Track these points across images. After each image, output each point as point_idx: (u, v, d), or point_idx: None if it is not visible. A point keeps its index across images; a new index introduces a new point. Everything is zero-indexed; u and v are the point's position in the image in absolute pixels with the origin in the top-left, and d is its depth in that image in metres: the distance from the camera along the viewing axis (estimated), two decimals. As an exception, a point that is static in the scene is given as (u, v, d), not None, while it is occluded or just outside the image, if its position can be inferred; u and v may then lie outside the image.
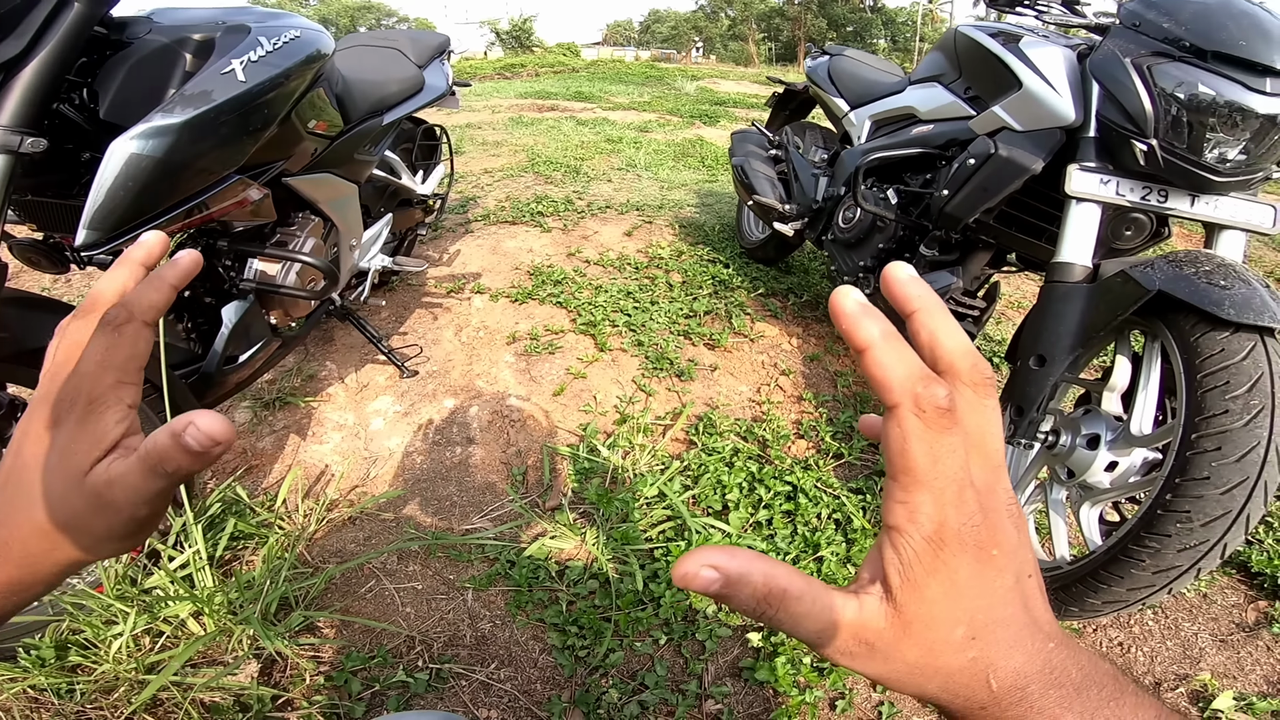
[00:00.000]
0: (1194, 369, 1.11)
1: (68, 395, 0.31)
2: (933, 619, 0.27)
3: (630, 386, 2.05)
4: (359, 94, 1.64)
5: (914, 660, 0.27)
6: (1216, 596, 1.50)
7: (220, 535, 1.35)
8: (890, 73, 2.42)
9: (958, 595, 0.26)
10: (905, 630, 0.27)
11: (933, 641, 0.27)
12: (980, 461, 0.26)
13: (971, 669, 0.27)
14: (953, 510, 0.25)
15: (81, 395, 0.31)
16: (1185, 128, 1.23)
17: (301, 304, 1.57)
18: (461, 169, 4.27)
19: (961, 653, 0.27)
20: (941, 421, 0.24)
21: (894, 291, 0.28)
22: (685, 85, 10.75)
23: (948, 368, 0.27)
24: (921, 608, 0.26)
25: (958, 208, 1.58)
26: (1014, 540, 0.27)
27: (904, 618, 0.27)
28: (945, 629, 0.27)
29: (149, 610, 1.17)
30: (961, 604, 0.26)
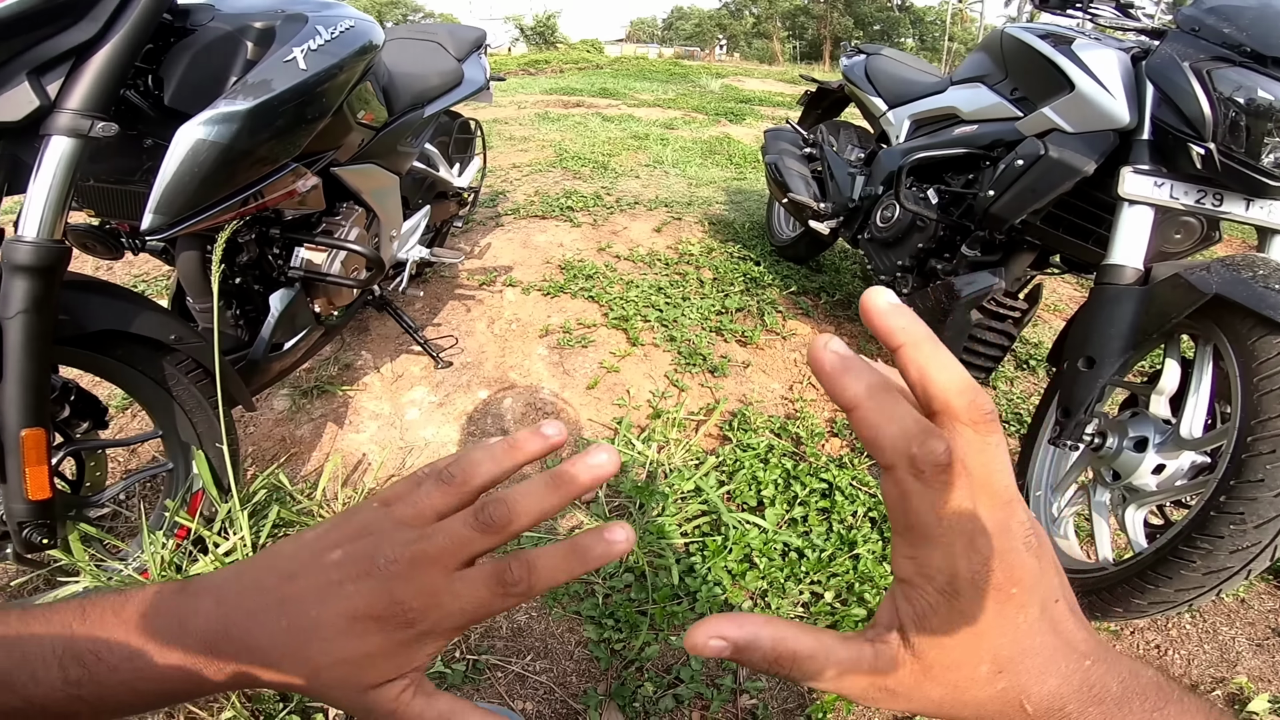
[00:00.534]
0: (1250, 372, 1.10)
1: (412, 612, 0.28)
2: (953, 661, 0.26)
3: (663, 381, 2.05)
4: (402, 86, 1.66)
5: (939, 698, 0.27)
6: (1254, 601, 1.49)
7: (263, 523, 1.37)
8: (929, 73, 2.40)
9: (978, 638, 0.26)
10: (926, 674, 0.27)
11: (956, 681, 0.27)
12: (988, 502, 0.25)
13: (1003, 698, 0.27)
14: (964, 561, 0.25)
15: (425, 624, 0.28)
16: (1244, 132, 1.23)
17: (345, 292, 1.59)
18: (490, 163, 4.29)
19: (990, 685, 0.27)
20: (942, 478, 0.23)
21: (876, 324, 0.25)
22: (710, 83, 10.71)
23: (942, 407, 0.25)
24: (940, 653, 0.26)
25: (1004, 208, 1.56)
26: (1035, 572, 0.26)
27: (924, 663, 0.26)
28: (968, 669, 0.26)
29: None
30: (983, 645, 0.26)
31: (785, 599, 1.37)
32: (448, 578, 0.28)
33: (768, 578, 1.40)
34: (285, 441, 1.78)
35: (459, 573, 0.29)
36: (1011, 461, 1.30)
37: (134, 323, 1.12)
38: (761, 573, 1.41)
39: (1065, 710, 0.26)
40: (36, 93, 0.88)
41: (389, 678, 0.29)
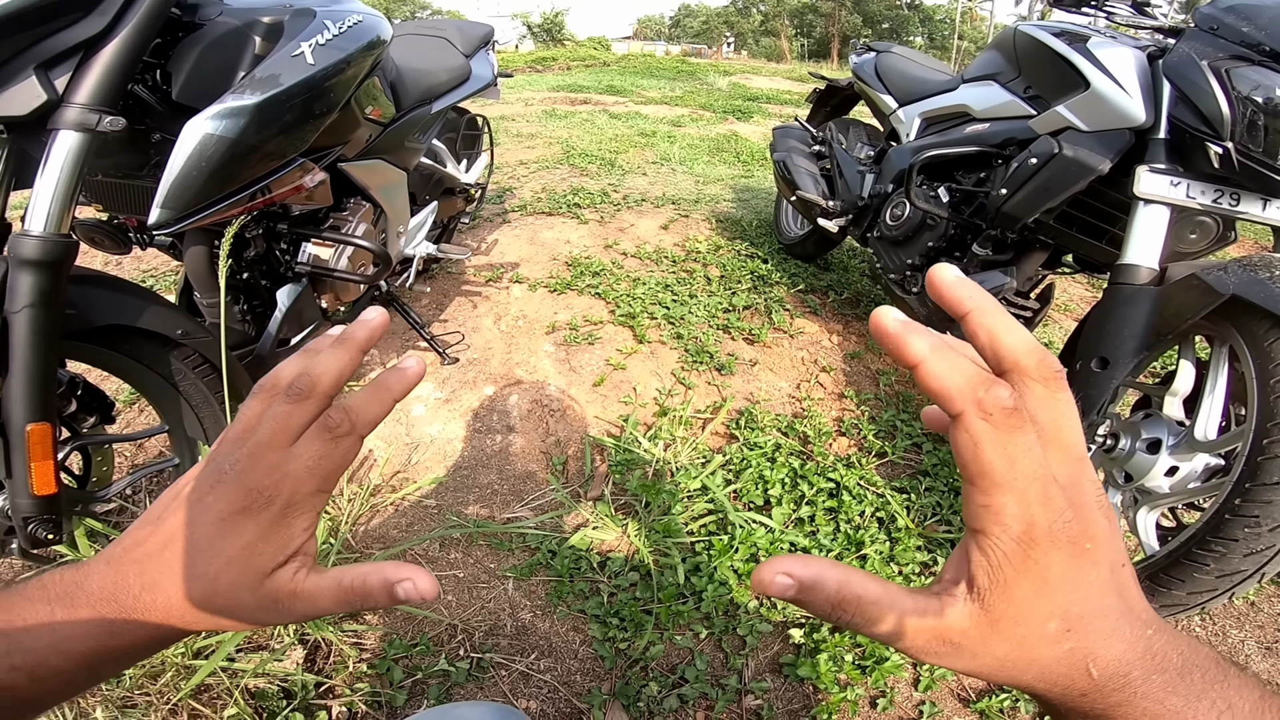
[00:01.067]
0: (1267, 374, 1.09)
1: (266, 489, 0.30)
2: (1022, 616, 0.26)
3: (670, 379, 2.04)
4: (410, 82, 1.65)
5: (1004, 655, 0.27)
6: (1264, 605, 1.48)
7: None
8: (940, 70, 2.38)
9: (1050, 592, 0.26)
10: (993, 628, 0.27)
11: (1024, 637, 0.27)
12: (1060, 456, 0.26)
13: (1069, 659, 0.27)
14: (1040, 508, 0.25)
15: (281, 496, 0.30)
16: (1262, 131, 1.21)
17: (352, 288, 1.59)
18: (497, 160, 4.29)
19: (1057, 645, 0.27)
20: (1010, 421, 0.24)
21: (944, 294, 0.27)
22: (717, 80, 10.68)
23: (1012, 365, 0.26)
24: (1010, 606, 0.26)
25: (1017, 207, 1.55)
26: (1107, 531, 0.27)
27: (991, 616, 0.26)
28: (1037, 624, 0.26)
29: None
30: (1055, 600, 0.26)
31: None
32: (284, 452, 0.30)
33: (774, 577, 1.40)
34: None
35: (294, 444, 0.31)
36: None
37: (141, 317, 1.12)
38: (768, 572, 1.40)
39: (1130, 676, 0.26)
40: (44, 87, 0.88)
41: (278, 561, 0.31)
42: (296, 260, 1.47)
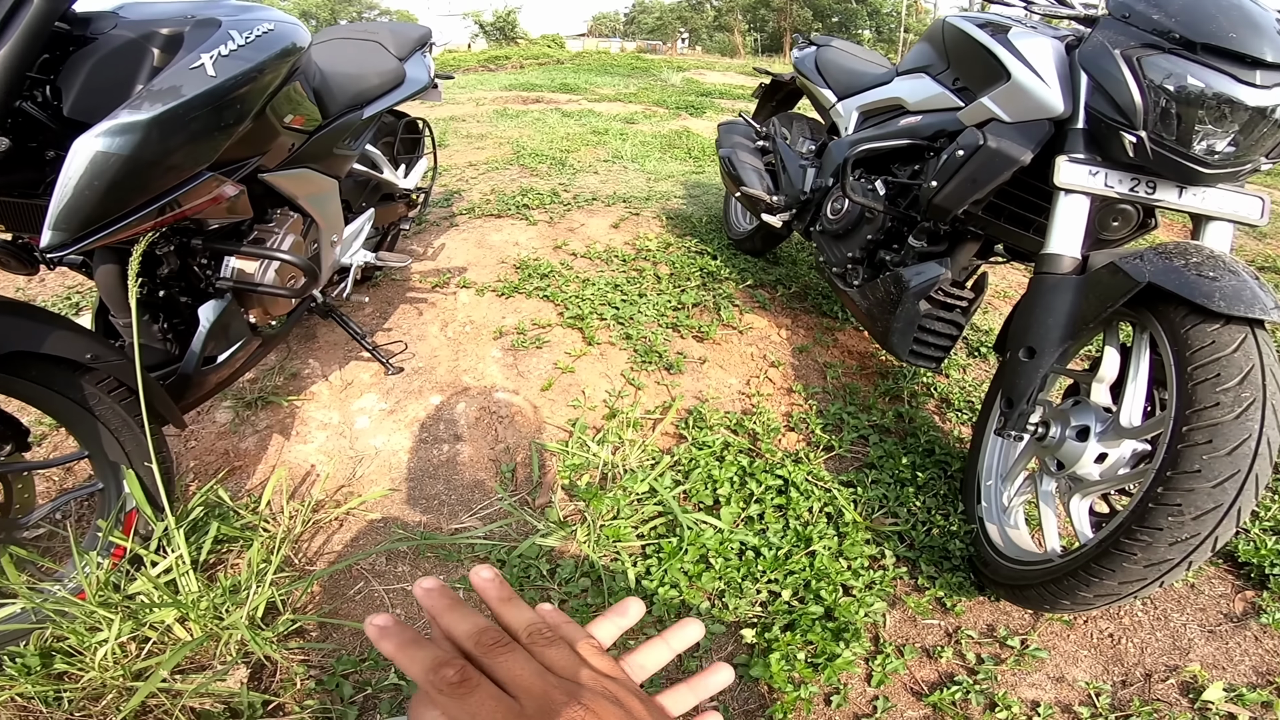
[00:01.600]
0: (1184, 361, 1.10)
1: None
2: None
3: (619, 380, 2.03)
4: (337, 87, 1.60)
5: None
6: (1204, 587, 1.50)
7: (204, 539, 1.33)
8: (877, 64, 2.40)
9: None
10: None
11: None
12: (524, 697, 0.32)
13: None
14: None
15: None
16: (1174, 119, 1.22)
17: (281, 302, 1.53)
18: (445, 162, 4.22)
19: None
20: (459, 690, 0.31)
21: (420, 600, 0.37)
22: (671, 76, 10.68)
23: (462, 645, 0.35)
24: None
25: (946, 199, 1.56)
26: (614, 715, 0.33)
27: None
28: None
29: (133, 616, 1.15)
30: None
31: (742, 599, 1.36)
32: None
33: (724, 578, 1.39)
34: (229, 455, 1.72)
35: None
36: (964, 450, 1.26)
37: (46, 343, 1.06)
38: (718, 573, 1.40)
39: None
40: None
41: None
42: (219, 275, 1.42)
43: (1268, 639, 1.38)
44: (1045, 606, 1.29)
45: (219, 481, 1.55)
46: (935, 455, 1.79)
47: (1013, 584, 1.34)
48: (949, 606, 1.41)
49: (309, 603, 1.34)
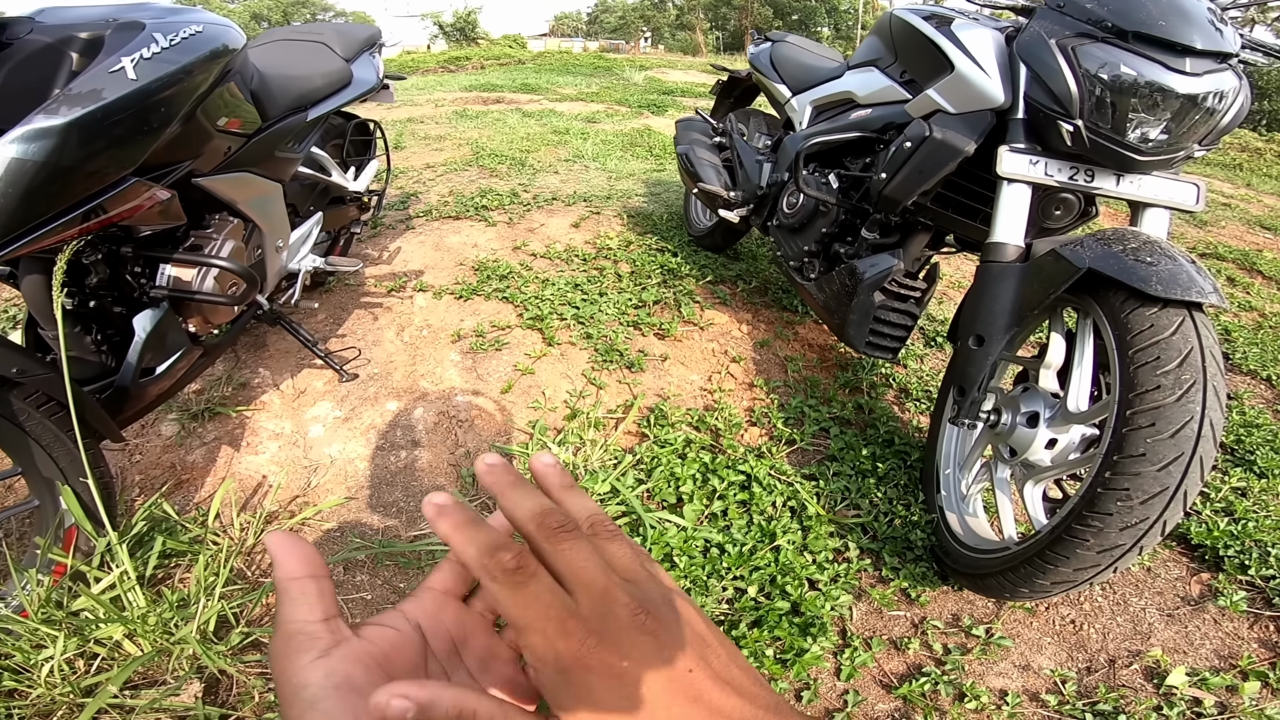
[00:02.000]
0: (1125, 345, 1.11)
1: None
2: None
3: (580, 380, 2.01)
4: (278, 89, 1.55)
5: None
6: (1160, 570, 1.53)
7: (149, 554, 1.28)
8: (830, 58, 2.42)
9: (607, 711, 0.28)
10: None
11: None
12: (583, 594, 0.29)
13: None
14: (561, 642, 0.28)
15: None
16: (1109, 108, 1.24)
17: (222, 310, 1.48)
18: (402, 164, 4.15)
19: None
20: (514, 578, 0.28)
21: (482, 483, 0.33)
22: (633, 75, 10.67)
23: (521, 530, 0.31)
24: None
25: (896, 190, 1.58)
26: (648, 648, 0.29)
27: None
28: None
29: (79, 633, 1.12)
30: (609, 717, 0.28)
31: (709, 597, 1.35)
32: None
33: (689, 576, 1.38)
34: (175, 468, 1.66)
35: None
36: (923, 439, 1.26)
37: None
38: (683, 571, 1.39)
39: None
40: None
41: None
42: (153, 284, 1.36)
43: (1226, 622, 1.40)
44: (1006, 595, 1.29)
45: (163, 495, 1.50)
46: (895, 445, 1.81)
47: (974, 573, 1.34)
48: (914, 597, 1.42)
49: (264, 615, 1.30)
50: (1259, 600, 1.45)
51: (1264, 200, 5.81)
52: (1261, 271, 3.56)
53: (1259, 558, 1.51)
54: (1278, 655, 1.33)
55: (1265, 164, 8.87)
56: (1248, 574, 1.49)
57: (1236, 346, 2.63)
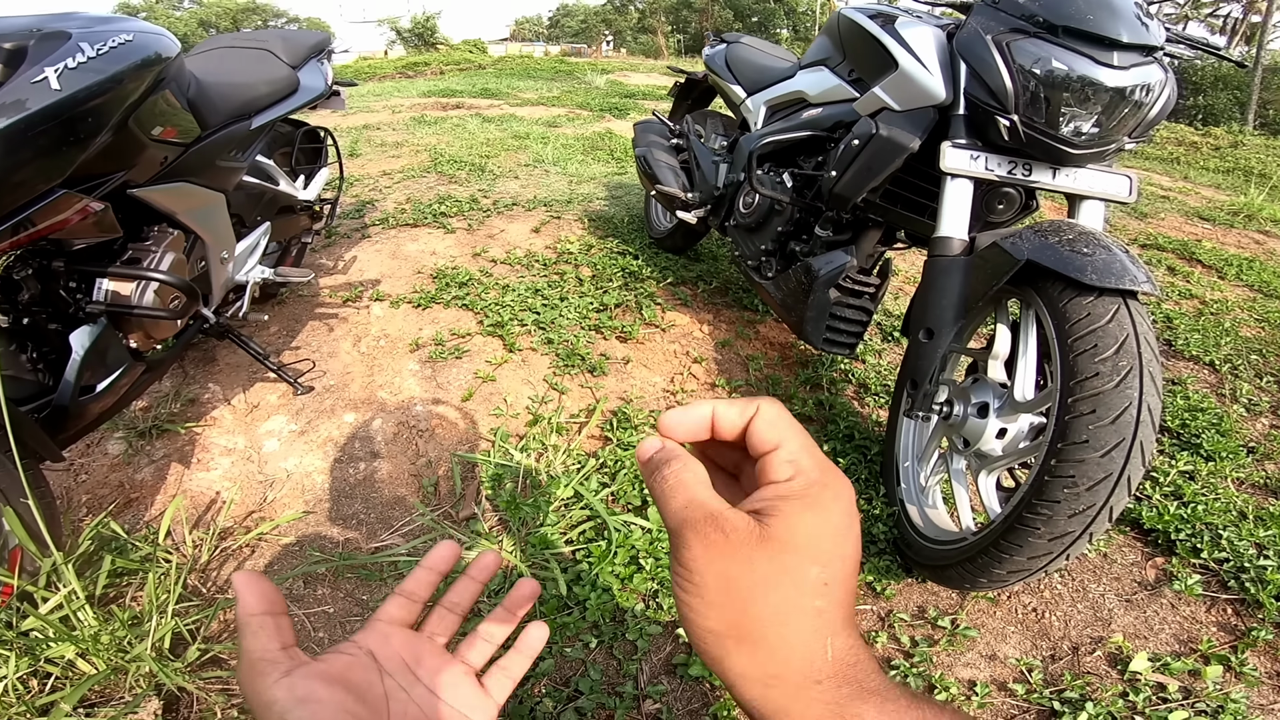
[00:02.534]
0: (1065, 334, 1.13)
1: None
2: (792, 540, 0.31)
3: (542, 386, 2.00)
4: (218, 97, 1.51)
5: (762, 572, 0.31)
6: (1116, 555, 1.55)
7: (98, 573, 1.25)
8: (783, 59, 2.45)
9: (821, 538, 0.32)
10: (765, 537, 0.31)
11: (786, 564, 0.31)
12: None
13: (817, 623, 0.31)
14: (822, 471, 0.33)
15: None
16: (1043, 103, 1.27)
17: (164, 325, 1.44)
18: (358, 172, 4.08)
19: (811, 595, 0.31)
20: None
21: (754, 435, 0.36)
22: (595, 79, 10.68)
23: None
24: (784, 530, 0.31)
25: (846, 188, 1.60)
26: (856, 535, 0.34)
27: (766, 529, 0.31)
28: (801, 554, 0.31)
29: (30, 653, 1.08)
30: (822, 548, 0.32)
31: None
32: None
33: (656, 578, 1.38)
34: (124, 487, 1.61)
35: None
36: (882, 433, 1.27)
37: None
38: (649, 574, 1.38)
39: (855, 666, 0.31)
40: None
41: None
42: (90, 299, 1.31)
43: (1183, 606, 1.43)
44: (966, 585, 1.30)
45: (111, 514, 1.45)
46: (855, 440, 1.83)
47: (935, 564, 1.35)
48: (879, 591, 1.42)
49: (223, 631, 1.27)
50: (1214, 583, 1.48)
51: (1201, 192, 6.06)
52: (1200, 260, 3.71)
53: (1210, 541, 1.54)
54: (1237, 638, 1.35)
55: (1201, 157, 9.26)
56: (1200, 557, 1.51)
57: (1179, 333, 2.73)
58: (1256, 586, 1.43)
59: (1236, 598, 1.44)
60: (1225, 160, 8.98)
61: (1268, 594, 1.40)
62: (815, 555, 0.31)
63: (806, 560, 0.31)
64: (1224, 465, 1.87)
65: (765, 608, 0.31)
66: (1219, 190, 6.37)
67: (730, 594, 0.31)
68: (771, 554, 0.31)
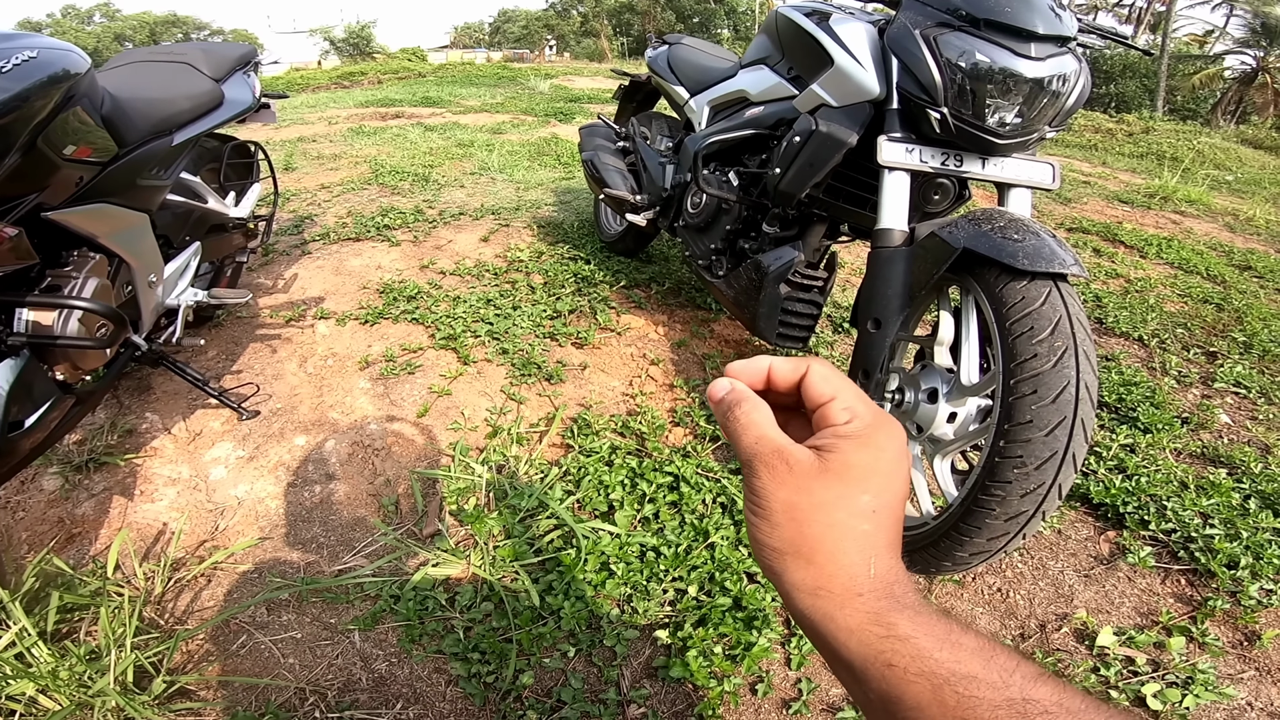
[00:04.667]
0: (1002, 317, 1.17)
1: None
2: (849, 474, 0.36)
3: (500, 397, 1.97)
4: (136, 114, 1.44)
5: (820, 499, 0.36)
6: (1070, 531, 1.60)
7: (46, 610, 1.19)
8: (724, 58, 2.47)
9: (872, 474, 0.36)
10: (824, 469, 0.36)
11: (841, 493, 0.36)
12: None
13: (864, 542, 0.36)
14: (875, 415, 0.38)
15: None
16: (969, 95, 1.31)
17: (91, 354, 1.36)
18: (294, 186, 3.94)
19: (862, 519, 0.36)
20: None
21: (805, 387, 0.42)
22: (539, 84, 10.61)
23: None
24: (841, 464, 0.36)
25: (789, 184, 1.62)
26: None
27: (825, 462, 0.36)
28: (855, 487, 0.36)
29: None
30: (873, 481, 0.36)
31: (650, 601, 1.34)
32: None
33: (629, 582, 1.37)
34: (64, 522, 1.52)
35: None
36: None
37: None
38: (622, 578, 1.37)
39: (894, 584, 0.36)
40: None
41: None
42: (9, 330, 1.23)
43: (1139, 578, 1.48)
44: (932, 569, 1.32)
45: (53, 550, 1.38)
46: (813, 430, 1.86)
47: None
48: (852, 580, 1.45)
49: (187, 662, 1.23)
50: (1165, 554, 1.53)
51: (1119, 177, 6.39)
52: (1123, 242, 3.91)
53: (1157, 512, 1.59)
54: (1194, 609, 1.40)
55: (1117, 143, 9.77)
56: (1149, 529, 1.56)
57: (1108, 311, 2.87)
58: (1206, 556, 1.47)
59: (1188, 568, 1.49)
60: (1139, 145, 9.49)
61: (1218, 563, 1.45)
62: (867, 485, 0.36)
63: (858, 489, 0.36)
64: (1161, 437, 1.95)
65: (820, 528, 0.36)
66: (1135, 174, 6.73)
67: (791, 516, 0.36)
68: (829, 483, 0.36)
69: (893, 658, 0.34)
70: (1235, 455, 1.90)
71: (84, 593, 1.27)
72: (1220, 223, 4.87)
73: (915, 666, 0.33)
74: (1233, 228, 4.78)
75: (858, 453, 0.37)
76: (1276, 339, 2.74)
